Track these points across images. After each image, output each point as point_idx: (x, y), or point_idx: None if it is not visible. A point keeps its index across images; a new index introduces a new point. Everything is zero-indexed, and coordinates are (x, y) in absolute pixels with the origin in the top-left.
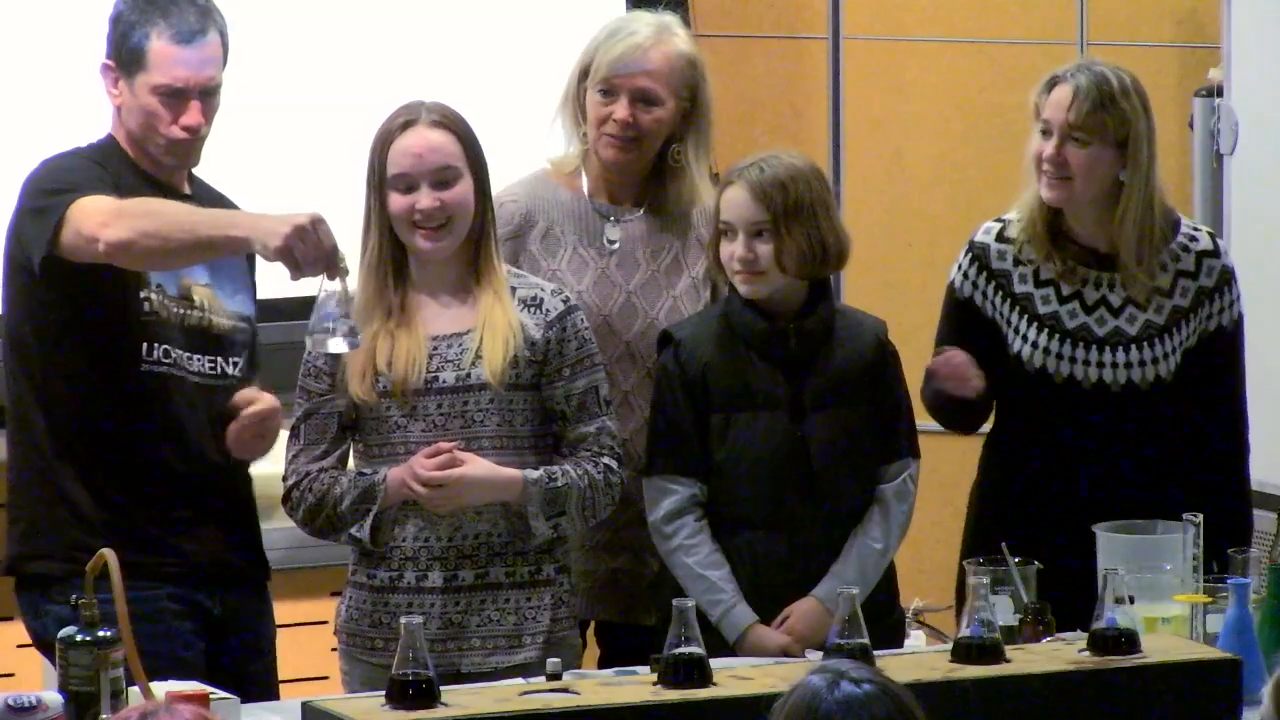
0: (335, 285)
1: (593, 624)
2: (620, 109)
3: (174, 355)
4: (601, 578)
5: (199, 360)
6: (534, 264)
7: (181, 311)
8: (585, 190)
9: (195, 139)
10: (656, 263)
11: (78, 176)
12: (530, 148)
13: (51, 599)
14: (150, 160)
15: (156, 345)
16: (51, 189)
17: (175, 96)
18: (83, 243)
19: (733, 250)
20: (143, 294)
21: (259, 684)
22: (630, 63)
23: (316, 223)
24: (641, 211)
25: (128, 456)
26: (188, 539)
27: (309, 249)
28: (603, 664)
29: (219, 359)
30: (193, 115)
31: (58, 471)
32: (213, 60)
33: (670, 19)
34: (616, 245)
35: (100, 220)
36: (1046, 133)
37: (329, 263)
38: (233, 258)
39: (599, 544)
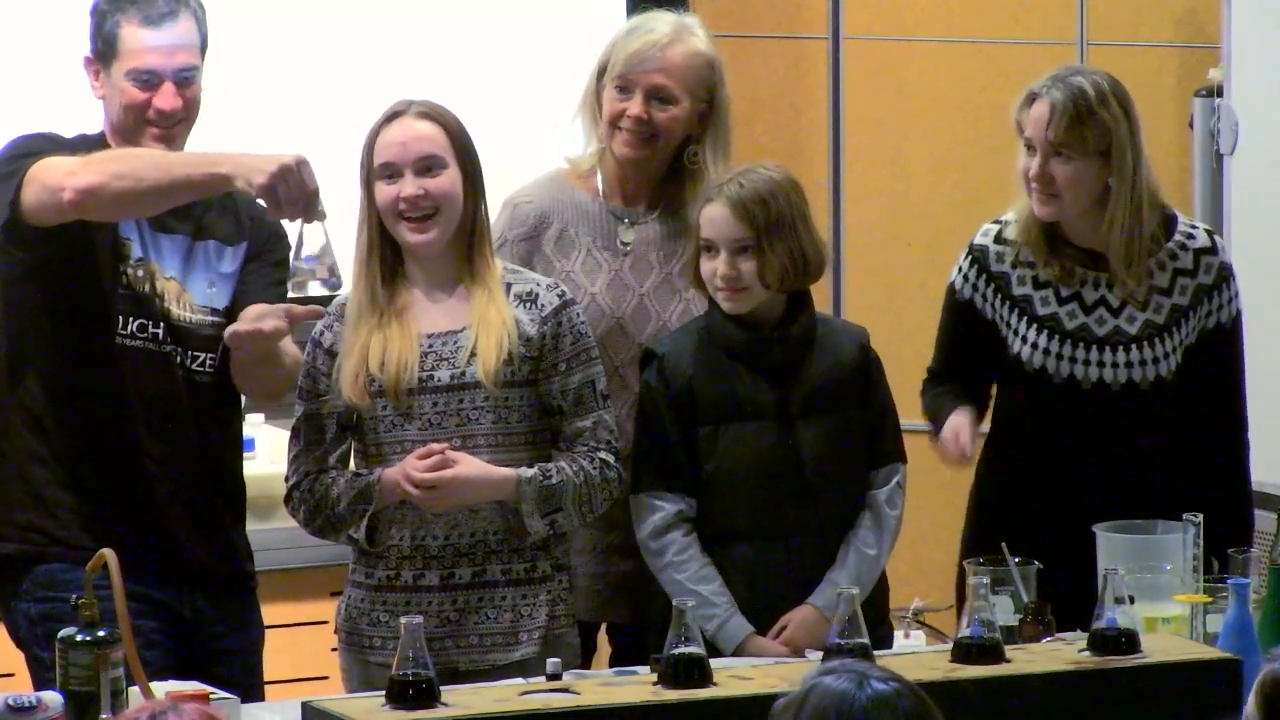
0: (314, 228)
1: (604, 626)
2: (635, 106)
3: (150, 332)
4: (613, 581)
5: (169, 347)
6: (548, 265)
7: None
8: (600, 191)
9: (172, 125)
10: (670, 265)
11: (45, 145)
12: (530, 147)
13: (19, 596)
14: None
15: (133, 319)
16: (17, 155)
17: (148, 81)
18: (47, 197)
19: (715, 267)
20: (121, 268)
21: (236, 688)
22: (646, 59)
23: (301, 164)
24: (656, 214)
25: (95, 436)
26: (153, 532)
27: (292, 189)
28: (613, 665)
29: (180, 352)
30: (166, 99)
31: (19, 448)
32: (185, 43)
33: (691, 19)
34: (630, 248)
35: (67, 170)
36: (1030, 148)
37: (308, 204)
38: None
39: (611, 547)
